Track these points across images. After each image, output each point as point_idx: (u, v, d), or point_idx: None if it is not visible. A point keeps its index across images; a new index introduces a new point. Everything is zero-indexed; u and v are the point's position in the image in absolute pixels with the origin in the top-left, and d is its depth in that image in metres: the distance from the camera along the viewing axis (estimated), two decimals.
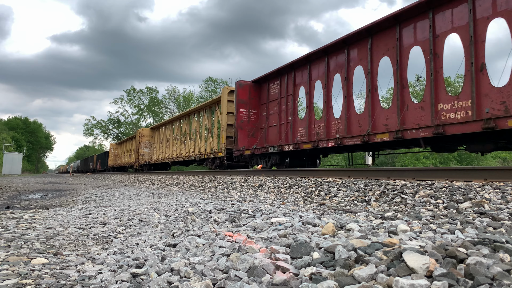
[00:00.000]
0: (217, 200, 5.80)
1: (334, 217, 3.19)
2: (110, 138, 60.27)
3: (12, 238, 3.22)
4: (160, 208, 5.14)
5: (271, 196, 6.29)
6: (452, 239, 2.04)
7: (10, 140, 62.43)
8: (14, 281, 1.99)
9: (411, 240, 2.04)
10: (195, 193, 8.18)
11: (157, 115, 56.74)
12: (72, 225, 4.08)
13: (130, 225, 3.99)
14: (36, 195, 10.13)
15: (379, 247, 1.80)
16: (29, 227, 3.88)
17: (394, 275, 1.44)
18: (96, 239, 3.35)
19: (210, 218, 3.69)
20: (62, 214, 4.99)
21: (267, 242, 2.28)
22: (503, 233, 2.37)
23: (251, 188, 7.78)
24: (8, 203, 7.13)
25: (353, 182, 6.21)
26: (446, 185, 4.88)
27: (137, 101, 57.25)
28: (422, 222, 2.89)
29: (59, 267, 2.33)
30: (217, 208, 4.30)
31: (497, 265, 1.46)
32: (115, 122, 59.41)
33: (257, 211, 3.91)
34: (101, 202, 7.00)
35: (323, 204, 4.99)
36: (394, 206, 4.38)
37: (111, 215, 4.81)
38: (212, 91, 50.83)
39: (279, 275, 1.67)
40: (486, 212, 3.32)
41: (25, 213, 5.13)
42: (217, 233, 2.78)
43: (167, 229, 3.54)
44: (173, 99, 56.71)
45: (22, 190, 12.09)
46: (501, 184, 4.59)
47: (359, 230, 2.41)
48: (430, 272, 1.42)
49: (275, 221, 3.03)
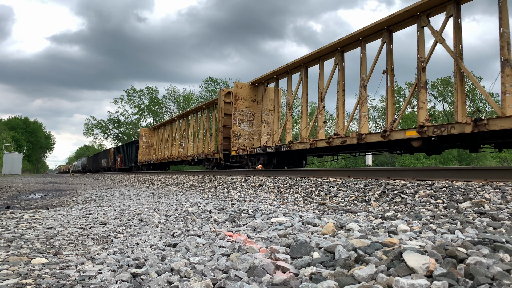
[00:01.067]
0: (217, 200, 5.80)
1: (334, 217, 3.20)
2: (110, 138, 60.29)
3: (12, 238, 3.22)
4: (160, 208, 5.14)
5: (271, 196, 6.29)
6: (452, 239, 2.04)
7: (10, 140, 62.43)
8: (14, 281, 1.99)
9: (411, 240, 2.04)
10: (195, 193, 8.18)
11: (157, 115, 56.75)
12: (72, 225, 4.08)
13: (130, 225, 3.99)
14: (36, 195, 10.13)
15: (379, 247, 1.80)
16: (29, 227, 3.88)
17: (394, 275, 1.44)
18: (96, 239, 3.35)
19: (210, 218, 3.69)
20: (62, 214, 4.99)
21: (267, 242, 2.28)
22: (503, 233, 2.37)
23: (251, 188, 7.78)
24: (8, 203, 7.13)
25: (353, 182, 6.21)
26: (446, 185, 4.88)
27: (137, 101, 57.28)
28: (422, 222, 2.89)
29: (59, 267, 2.33)
30: (217, 208, 4.31)
31: (497, 265, 1.46)
32: (115, 122, 59.42)
33: (257, 211, 3.91)
34: (101, 202, 7.00)
35: (323, 204, 4.99)
36: (394, 206, 4.38)
37: (111, 215, 4.81)
38: (212, 91, 50.82)
39: (279, 275, 1.67)
40: (486, 212, 3.32)
41: (25, 213, 5.13)
42: (217, 233, 2.78)
43: (167, 229, 3.54)
44: (173, 99, 56.72)
45: (22, 190, 12.10)
46: (501, 184, 4.59)
47: (359, 230, 2.41)
48: (430, 272, 1.42)
49: (275, 221, 3.03)
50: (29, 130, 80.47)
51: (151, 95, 56.76)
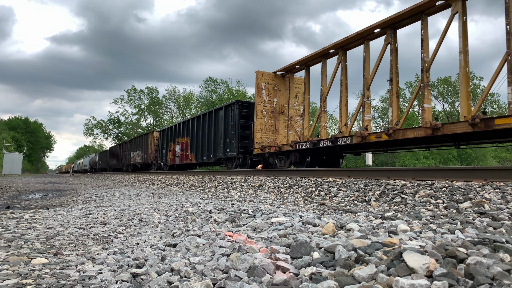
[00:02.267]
0: (217, 200, 5.80)
1: (334, 217, 3.20)
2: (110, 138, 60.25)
3: (12, 238, 3.23)
4: (160, 208, 5.14)
5: (271, 196, 6.29)
6: (452, 239, 2.04)
7: (10, 140, 62.44)
8: (15, 281, 1.99)
9: (411, 240, 2.04)
10: (195, 193, 8.18)
11: (157, 115, 56.74)
12: (72, 225, 4.08)
13: (130, 225, 3.99)
14: (36, 195, 10.13)
15: (379, 247, 1.80)
16: (29, 227, 3.88)
17: (394, 275, 1.44)
18: (96, 239, 3.35)
19: (210, 218, 3.69)
20: (63, 214, 4.99)
21: (267, 242, 2.28)
22: (503, 233, 2.37)
23: (251, 188, 7.78)
24: (8, 203, 7.13)
25: (353, 182, 6.21)
26: (446, 185, 4.87)
27: (137, 101, 57.27)
28: (422, 222, 2.89)
29: (59, 267, 2.33)
30: (217, 208, 4.31)
31: (497, 265, 1.46)
32: (115, 122, 59.39)
33: (257, 211, 3.91)
34: (101, 202, 7.00)
35: (323, 204, 4.98)
36: (394, 206, 4.38)
37: (111, 215, 4.81)
38: (212, 91, 50.77)
39: (279, 275, 1.67)
40: (486, 212, 3.32)
41: (26, 213, 5.13)
42: (217, 233, 2.78)
43: (167, 229, 3.54)
44: (173, 99, 56.71)
45: (23, 190, 12.10)
46: (501, 184, 4.59)
47: (359, 230, 2.41)
48: (430, 272, 1.42)
49: (275, 221, 3.03)
50: (29, 130, 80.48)
51: (151, 95, 56.75)
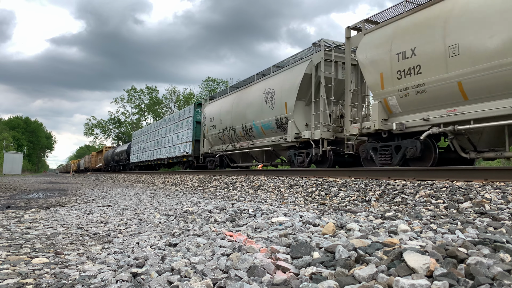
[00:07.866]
0: (218, 199, 5.80)
1: (335, 217, 3.19)
2: (110, 138, 60.29)
3: (12, 238, 3.23)
4: (161, 207, 5.14)
5: (271, 196, 6.29)
6: (452, 239, 2.04)
7: (11, 139, 62.48)
8: (15, 281, 1.99)
9: (412, 240, 2.04)
10: (196, 192, 8.18)
11: (157, 114, 56.79)
12: (72, 224, 4.08)
13: (131, 225, 3.99)
14: (36, 194, 10.14)
15: (380, 247, 1.80)
16: (29, 226, 3.88)
17: (394, 275, 1.44)
18: (97, 239, 3.35)
19: (211, 218, 3.69)
20: (63, 214, 4.99)
21: (268, 241, 2.28)
22: (504, 233, 2.37)
23: (251, 188, 7.78)
24: (8, 203, 7.13)
25: (354, 182, 6.21)
26: (447, 185, 4.87)
27: (137, 101, 57.31)
28: (423, 222, 2.89)
29: (59, 267, 2.33)
30: (218, 207, 4.31)
31: (498, 265, 1.46)
32: (115, 122, 59.46)
33: (258, 210, 3.91)
34: (101, 202, 7.00)
35: (324, 204, 4.98)
36: (394, 206, 4.38)
37: (111, 215, 4.81)
38: (212, 91, 50.85)
39: (279, 274, 1.67)
40: (487, 212, 3.31)
41: (26, 212, 5.13)
42: (217, 233, 2.78)
43: (168, 229, 3.54)
44: (173, 98, 56.74)
45: (23, 190, 12.11)
46: (501, 184, 4.58)
47: (360, 230, 2.41)
48: (430, 272, 1.42)
49: (276, 221, 3.03)
50: (30, 130, 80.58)
51: (151, 94, 56.82)
